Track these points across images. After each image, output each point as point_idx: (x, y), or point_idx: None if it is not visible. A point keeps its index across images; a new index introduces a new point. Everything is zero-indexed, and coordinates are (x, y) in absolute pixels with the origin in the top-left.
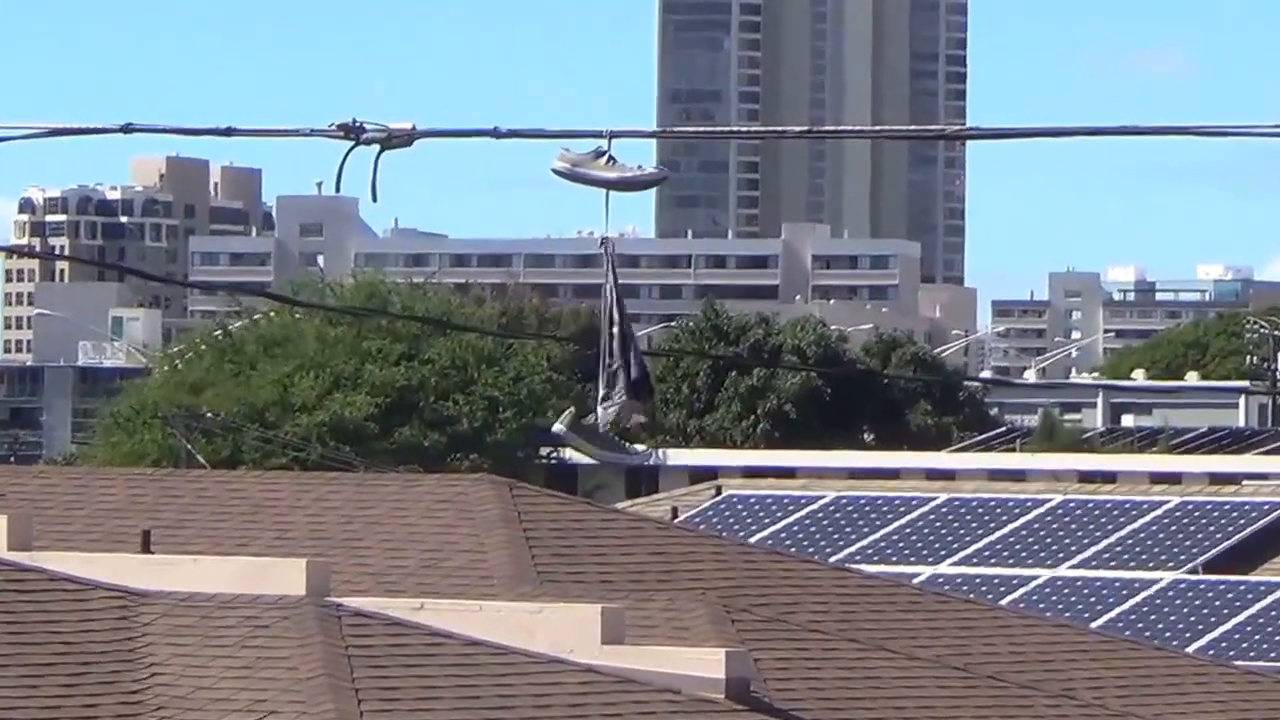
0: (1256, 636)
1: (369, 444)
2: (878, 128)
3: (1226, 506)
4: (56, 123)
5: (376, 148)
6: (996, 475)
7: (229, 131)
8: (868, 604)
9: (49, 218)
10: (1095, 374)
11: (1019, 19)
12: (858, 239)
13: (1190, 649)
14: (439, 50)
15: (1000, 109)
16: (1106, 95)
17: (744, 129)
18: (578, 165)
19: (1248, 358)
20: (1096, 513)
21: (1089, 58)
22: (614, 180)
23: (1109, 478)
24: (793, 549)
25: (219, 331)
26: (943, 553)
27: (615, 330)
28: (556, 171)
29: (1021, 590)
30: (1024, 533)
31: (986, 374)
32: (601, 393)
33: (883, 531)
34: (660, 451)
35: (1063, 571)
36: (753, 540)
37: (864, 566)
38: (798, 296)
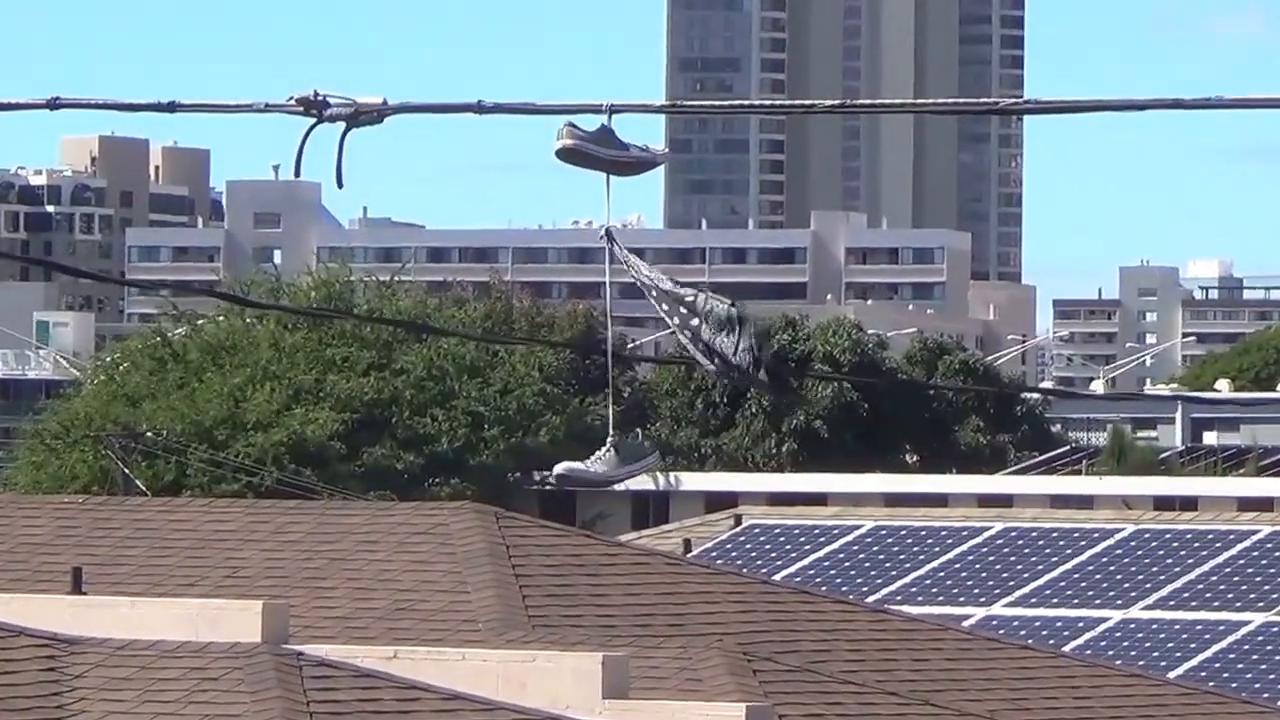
0: None
1: (333, 467)
2: (921, 101)
3: None
4: None
5: (342, 125)
6: (1059, 501)
7: (172, 107)
8: (910, 651)
9: None
10: (1173, 384)
11: None
12: (898, 229)
13: None
14: (413, 16)
15: (1061, 80)
16: (1180, 64)
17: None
18: (586, 143)
19: None
20: (1175, 544)
21: (1159, 21)
22: (617, 160)
23: (1189, 504)
24: (824, 587)
25: (159, 338)
26: (997, 591)
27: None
28: (563, 152)
29: (1088, 635)
30: (1091, 568)
31: (1047, 384)
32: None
33: (928, 567)
34: (671, 475)
35: (1136, 613)
36: (777, 577)
37: (906, 607)
38: (829, 296)
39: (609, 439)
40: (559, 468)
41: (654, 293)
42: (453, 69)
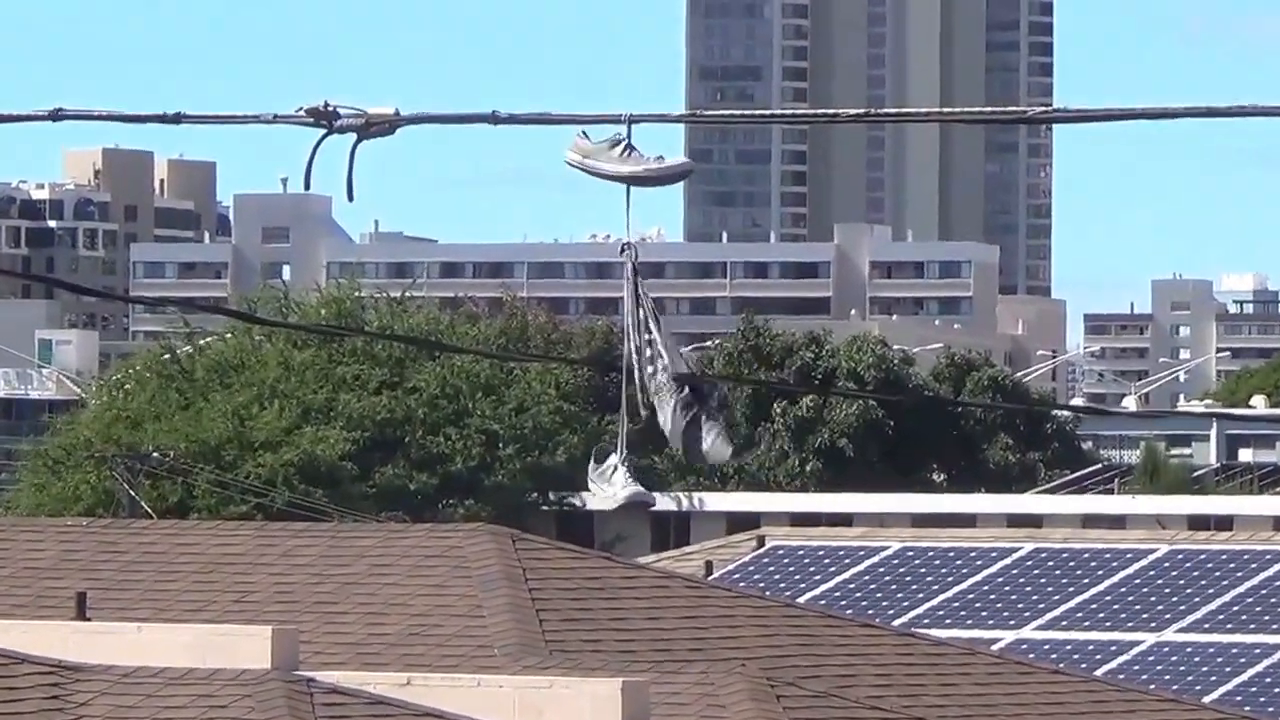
0: None
1: (345, 488)
2: (947, 110)
3: None
4: None
5: (353, 136)
6: (1091, 521)
7: (178, 118)
8: (938, 676)
9: None
10: (1207, 401)
11: None
12: (924, 242)
13: None
14: (426, 26)
15: (1093, 87)
16: (1217, 69)
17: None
18: (591, 156)
19: None
20: (1210, 565)
21: (1194, 25)
22: (631, 174)
23: (1224, 523)
24: (849, 610)
25: (166, 356)
26: (1027, 614)
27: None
28: (571, 163)
29: (1121, 658)
30: (1123, 589)
31: (1078, 401)
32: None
33: (956, 589)
34: (692, 496)
35: (1170, 636)
36: (801, 600)
37: (934, 631)
38: (853, 311)
39: (618, 458)
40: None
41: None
42: (467, 79)
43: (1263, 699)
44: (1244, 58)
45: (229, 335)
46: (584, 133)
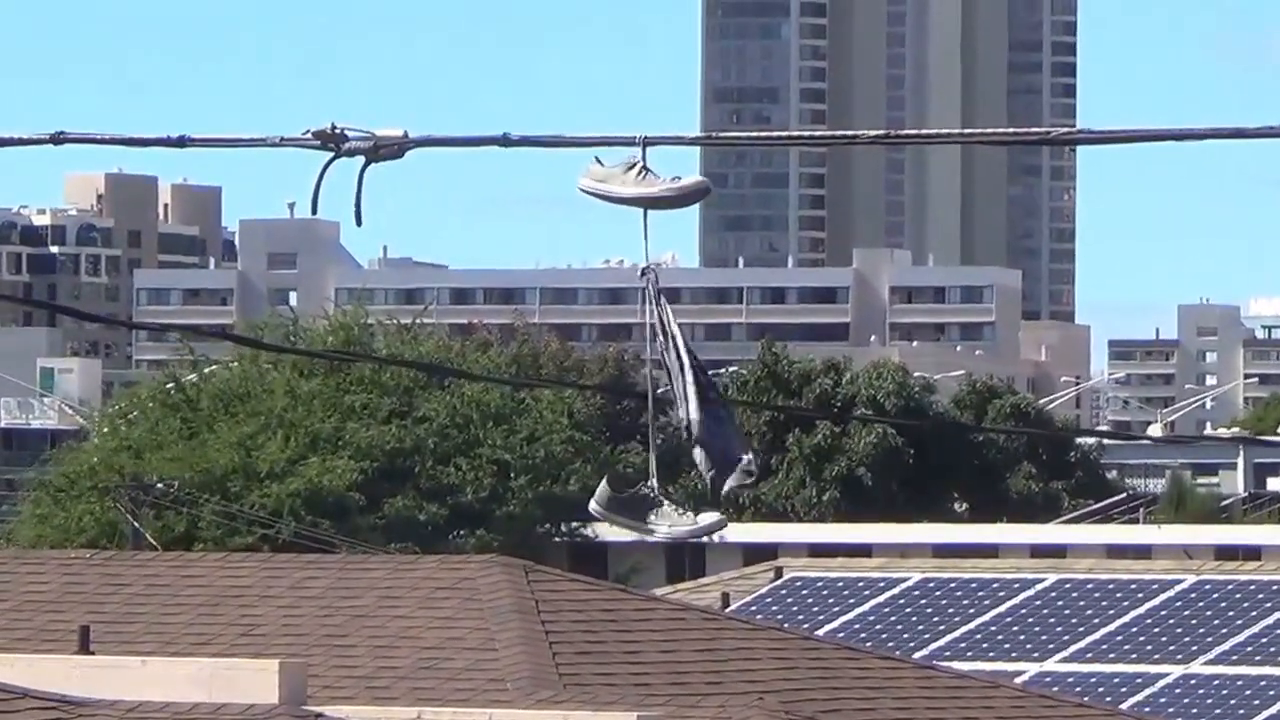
0: None
1: (353, 519)
2: (969, 131)
3: None
4: None
5: (361, 160)
6: (1115, 551)
7: (182, 142)
8: (960, 709)
9: None
10: (1235, 428)
11: (1139, 0)
12: (945, 267)
13: None
14: (437, 47)
15: (1117, 108)
16: (1245, 89)
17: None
18: (605, 181)
19: None
20: (1238, 596)
21: (1222, 44)
22: (647, 195)
23: (1253, 554)
24: (869, 643)
25: (170, 385)
26: (1051, 646)
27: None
28: (584, 189)
29: (1147, 691)
30: (1149, 621)
31: (1103, 428)
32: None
33: (978, 621)
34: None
35: (1197, 668)
36: (820, 632)
37: (955, 664)
38: (873, 337)
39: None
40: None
41: (673, 353)
42: (479, 101)
43: None
44: (1274, 76)
45: (234, 363)
46: (598, 159)
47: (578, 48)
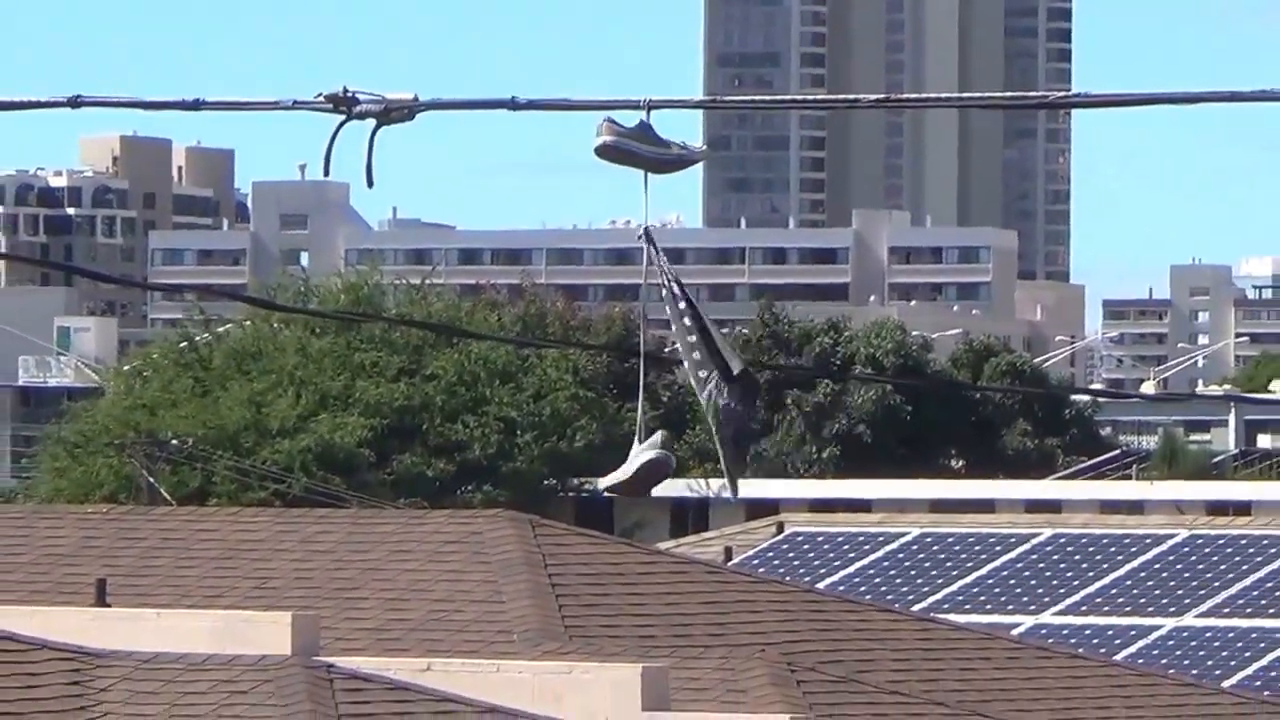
0: None
1: (363, 474)
2: (967, 95)
3: None
4: None
5: (372, 123)
6: (1109, 507)
7: (196, 105)
8: (957, 660)
9: None
10: (1226, 386)
11: None
12: (943, 228)
13: None
14: (446, 11)
15: (1112, 72)
16: (1238, 54)
17: (807, 98)
18: (626, 139)
19: None
20: (1228, 550)
21: (1217, 8)
22: (658, 159)
23: (1243, 509)
24: (868, 596)
25: (184, 343)
26: (1046, 599)
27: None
28: (603, 149)
29: (1140, 643)
30: (1143, 574)
31: (1097, 386)
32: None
33: (975, 575)
34: (710, 482)
35: (1189, 621)
36: (821, 586)
37: (952, 616)
38: (872, 297)
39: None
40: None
41: (680, 309)
42: (486, 65)
43: None
44: (1268, 41)
45: (247, 322)
46: (611, 119)
47: (584, 15)
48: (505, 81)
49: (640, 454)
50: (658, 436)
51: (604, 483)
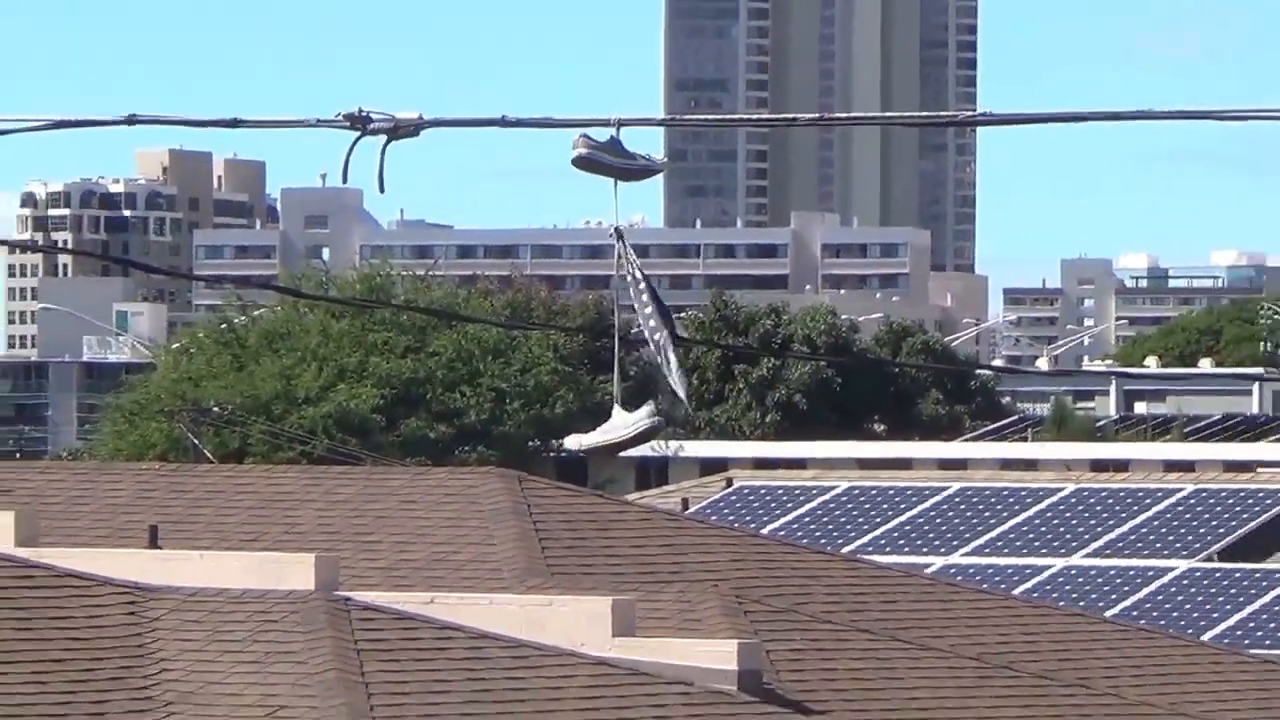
0: (1272, 624)
1: (375, 437)
2: (887, 114)
3: (1241, 494)
4: (59, 115)
5: (383, 138)
6: (1008, 464)
7: (235, 123)
8: (880, 594)
9: (52, 211)
10: (1108, 361)
11: (1029, 4)
12: (867, 227)
13: (1205, 637)
14: (446, 40)
15: (1011, 95)
16: (1118, 80)
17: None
18: (597, 152)
19: (1262, 344)
20: (1110, 501)
21: (1100, 42)
22: (625, 168)
23: (1122, 466)
24: (804, 540)
25: (223, 325)
26: (955, 543)
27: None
28: (578, 160)
29: (1035, 580)
30: (1036, 522)
31: (998, 362)
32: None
33: (894, 522)
34: (670, 443)
35: (1076, 561)
36: (764, 531)
37: (876, 557)
38: (807, 286)
39: (645, 411)
40: (577, 442)
41: (642, 293)
42: (481, 88)
43: (1155, 614)
44: (1143, 70)
45: (277, 308)
46: (585, 134)
47: (563, 46)
48: (497, 102)
49: (638, 420)
50: (649, 406)
51: (585, 441)
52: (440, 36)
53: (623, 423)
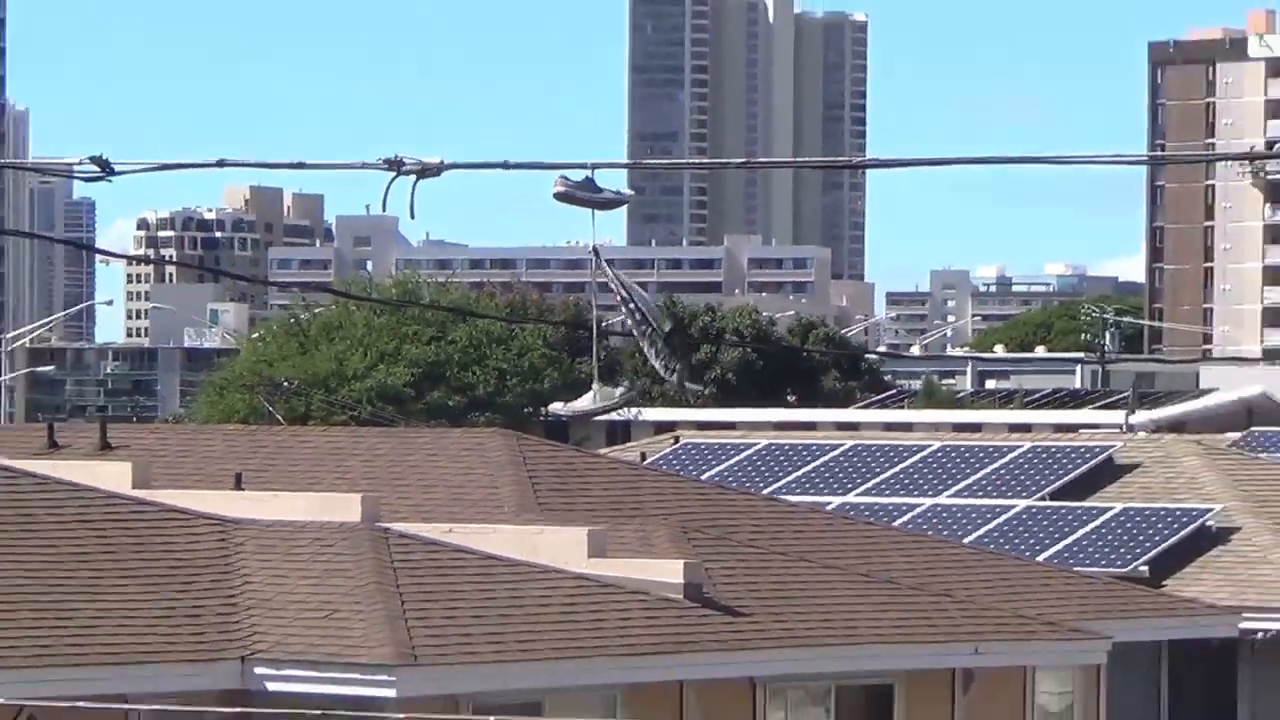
0: (1090, 549)
1: (407, 406)
2: (798, 159)
3: (1068, 449)
4: (165, 159)
5: (413, 177)
6: (891, 427)
7: (300, 165)
8: (792, 526)
9: (160, 233)
10: (965, 349)
11: (909, 77)
12: (783, 245)
13: (1040, 558)
14: (466, 101)
15: (893, 144)
16: (979, 132)
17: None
18: (572, 189)
19: (1082, 335)
20: (967, 455)
21: (966, 104)
22: (595, 200)
23: (976, 429)
24: (734, 484)
25: (291, 320)
26: (850, 486)
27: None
28: (558, 195)
29: (910, 514)
30: (912, 471)
31: (882, 349)
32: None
33: (803, 470)
34: (633, 410)
35: (942, 500)
36: (704, 478)
37: (789, 497)
38: (737, 290)
39: (619, 389)
40: (564, 408)
41: (628, 304)
42: (487, 139)
43: (1002, 541)
44: (998, 125)
45: (332, 307)
46: (564, 175)
47: (549, 107)
48: (501, 149)
49: (616, 393)
50: (624, 385)
51: (570, 408)
52: (459, 99)
53: (600, 395)
